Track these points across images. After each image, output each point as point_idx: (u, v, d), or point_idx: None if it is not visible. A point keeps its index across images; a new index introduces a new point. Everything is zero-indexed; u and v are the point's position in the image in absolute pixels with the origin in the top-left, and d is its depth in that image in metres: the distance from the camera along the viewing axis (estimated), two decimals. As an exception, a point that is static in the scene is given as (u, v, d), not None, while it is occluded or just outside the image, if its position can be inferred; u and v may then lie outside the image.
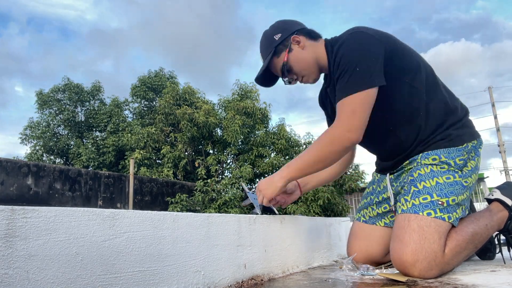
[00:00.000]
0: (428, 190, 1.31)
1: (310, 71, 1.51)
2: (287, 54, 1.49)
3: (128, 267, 0.91)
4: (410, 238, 1.24)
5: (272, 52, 1.50)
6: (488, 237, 1.40)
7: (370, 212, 1.61)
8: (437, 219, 1.26)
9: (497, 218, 1.42)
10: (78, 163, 12.82)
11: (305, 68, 1.50)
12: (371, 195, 1.64)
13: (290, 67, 1.50)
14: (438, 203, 1.28)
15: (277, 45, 1.50)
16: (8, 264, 0.70)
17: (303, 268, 1.69)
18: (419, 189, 1.33)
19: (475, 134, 1.45)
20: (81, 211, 0.84)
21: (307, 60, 1.49)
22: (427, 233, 1.23)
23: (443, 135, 1.39)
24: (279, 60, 1.51)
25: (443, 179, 1.32)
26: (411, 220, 1.27)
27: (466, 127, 1.43)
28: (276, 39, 1.50)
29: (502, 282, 1.08)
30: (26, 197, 7.09)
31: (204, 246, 1.15)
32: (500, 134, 19.48)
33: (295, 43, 1.49)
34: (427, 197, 1.29)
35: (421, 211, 1.27)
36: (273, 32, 1.53)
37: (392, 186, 1.52)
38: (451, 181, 1.32)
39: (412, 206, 1.30)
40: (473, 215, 1.41)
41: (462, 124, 1.43)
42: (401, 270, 1.26)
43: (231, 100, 11.82)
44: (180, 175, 11.38)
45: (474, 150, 1.41)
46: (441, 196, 1.29)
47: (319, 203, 9.15)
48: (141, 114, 14.48)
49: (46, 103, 14.31)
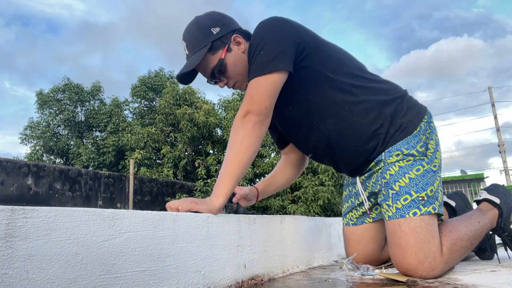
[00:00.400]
0: (405, 190, 1.30)
1: (245, 76, 1.37)
2: (225, 52, 1.34)
3: (128, 267, 0.91)
4: (407, 242, 1.24)
5: (207, 46, 1.32)
6: (483, 234, 1.41)
7: (355, 214, 1.59)
8: (424, 215, 1.26)
9: (488, 216, 1.44)
10: (78, 163, 12.82)
11: (241, 72, 1.38)
12: (350, 197, 1.61)
13: (225, 69, 1.36)
14: (419, 200, 1.27)
15: (214, 40, 1.33)
16: (8, 264, 0.70)
17: (303, 268, 1.69)
18: (396, 191, 1.31)
19: (421, 110, 1.41)
20: (81, 211, 0.84)
21: (246, 65, 1.35)
22: (420, 234, 1.24)
23: (394, 127, 1.35)
24: (213, 58, 1.34)
25: (413, 172, 1.31)
26: (401, 224, 1.27)
27: (411, 108, 1.40)
28: (214, 33, 1.34)
29: (502, 282, 1.08)
30: (26, 197, 7.09)
31: (204, 246, 1.15)
32: (500, 134, 19.48)
33: (235, 44, 1.36)
34: (407, 197, 1.29)
35: (407, 213, 1.27)
36: (210, 23, 1.36)
37: (366, 188, 1.48)
38: (422, 172, 1.31)
39: (396, 210, 1.30)
40: (465, 215, 1.43)
41: (407, 107, 1.39)
42: (405, 274, 1.27)
43: (231, 100, 11.82)
44: (180, 175, 11.38)
45: (428, 126, 1.38)
46: (419, 192, 1.28)
47: (319, 203, 9.15)
48: (141, 114, 14.49)
49: (46, 103, 14.32)
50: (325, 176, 9.64)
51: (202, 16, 1.41)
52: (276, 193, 9.97)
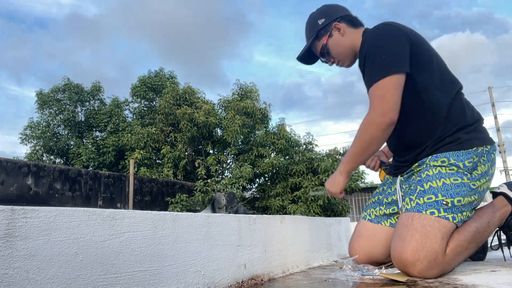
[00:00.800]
0: (433, 190, 1.30)
1: (345, 56, 1.63)
2: (327, 38, 1.62)
3: (128, 267, 0.91)
4: (412, 237, 1.24)
5: (314, 35, 1.63)
6: (490, 234, 1.39)
7: (377, 212, 1.61)
8: (441, 218, 1.25)
9: (500, 214, 1.41)
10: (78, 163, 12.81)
11: (341, 53, 1.62)
12: (380, 195, 1.64)
13: (328, 51, 1.64)
14: (442, 203, 1.27)
15: (319, 30, 1.62)
16: (8, 264, 0.70)
17: (303, 268, 1.69)
18: (424, 189, 1.33)
19: (487, 140, 1.43)
20: (81, 211, 0.84)
21: (344, 46, 1.60)
22: (429, 232, 1.23)
23: (452, 138, 1.39)
24: (319, 43, 1.64)
25: (450, 180, 1.32)
26: (414, 219, 1.27)
27: (478, 132, 1.42)
28: (319, 23, 1.63)
29: (502, 282, 1.08)
30: (26, 197, 7.09)
31: (204, 246, 1.15)
32: (500, 134, 19.48)
33: (336, 30, 1.61)
34: (432, 197, 1.29)
35: (425, 210, 1.27)
36: (318, 16, 1.66)
37: (402, 189, 1.52)
38: (458, 182, 1.31)
39: (416, 205, 1.30)
40: (476, 212, 1.40)
41: (473, 128, 1.42)
42: (401, 268, 1.26)
43: (231, 100, 11.81)
44: (180, 175, 11.38)
45: (487, 154, 1.39)
46: (446, 196, 1.28)
47: (319, 203, 9.14)
48: (141, 114, 14.48)
49: (46, 103, 14.31)
50: (325, 176, 9.63)
51: (315, 11, 1.70)
52: (276, 193, 9.97)
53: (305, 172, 10.07)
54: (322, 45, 1.63)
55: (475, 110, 1.51)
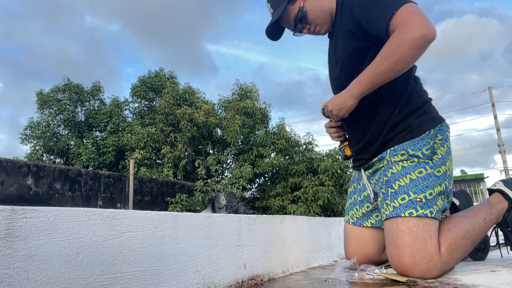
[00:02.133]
0: (404, 189, 1.30)
1: (324, 19, 1.46)
2: (303, 1, 1.43)
3: (128, 267, 0.91)
4: (404, 242, 1.24)
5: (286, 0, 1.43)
6: (487, 231, 1.38)
7: (355, 213, 1.59)
8: (421, 217, 1.25)
9: (496, 210, 1.39)
10: (78, 163, 12.82)
11: (320, 16, 1.45)
12: (354, 194, 1.63)
13: (305, 14, 1.44)
14: (416, 201, 1.27)
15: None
16: (8, 264, 0.70)
17: (303, 268, 1.69)
18: (395, 189, 1.32)
19: (436, 119, 1.41)
20: (81, 211, 0.84)
21: (323, 7, 1.44)
22: (417, 233, 1.23)
23: (403, 125, 1.37)
24: (294, 8, 1.44)
25: (415, 174, 1.31)
26: (399, 224, 1.27)
27: (427, 114, 1.40)
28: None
29: (502, 282, 1.08)
30: (26, 197, 7.09)
31: (204, 246, 1.15)
32: (500, 134, 19.48)
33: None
34: (405, 197, 1.29)
35: (403, 212, 1.27)
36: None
37: (370, 184, 1.51)
38: (424, 174, 1.31)
39: (393, 209, 1.30)
40: (470, 210, 1.40)
41: (423, 111, 1.39)
42: (402, 273, 1.26)
43: (231, 100, 11.82)
44: (180, 175, 11.38)
45: (440, 133, 1.37)
46: (417, 193, 1.28)
47: (319, 203, 9.15)
48: (141, 114, 14.49)
49: (46, 103, 14.32)
50: (325, 176, 9.64)
51: None
52: (276, 193, 9.97)
53: (305, 172, 10.08)
54: (299, 8, 1.42)
55: (423, 90, 1.47)
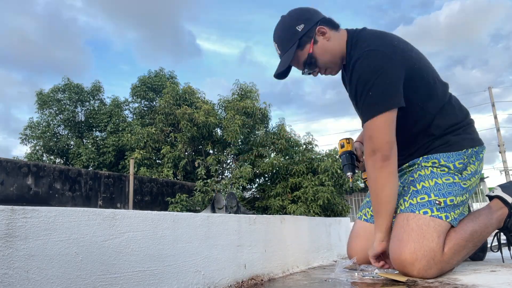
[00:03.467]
0: (426, 190, 1.32)
1: (335, 63, 1.48)
2: (312, 46, 1.43)
3: (128, 267, 0.91)
4: (409, 237, 1.24)
5: (295, 44, 1.43)
6: (488, 235, 1.40)
7: (370, 211, 1.61)
8: (435, 218, 1.26)
9: (497, 216, 1.41)
10: (78, 163, 12.81)
11: (331, 60, 1.47)
12: None
13: (315, 60, 1.45)
14: (435, 203, 1.29)
15: (301, 38, 1.42)
16: (8, 264, 0.70)
17: (303, 268, 1.69)
18: (417, 189, 1.34)
19: (476, 141, 1.44)
20: (81, 211, 0.84)
21: (333, 52, 1.45)
22: (426, 232, 1.24)
23: (441, 141, 1.40)
24: (303, 53, 1.45)
25: (442, 180, 1.33)
26: (409, 220, 1.28)
27: (467, 134, 1.43)
28: (299, 30, 1.43)
29: (502, 282, 1.08)
30: (26, 197, 7.09)
31: (204, 246, 1.15)
32: (500, 134, 19.48)
33: (320, 34, 1.44)
34: (425, 197, 1.30)
35: (418, 210, 1.28)
36: (295, 22, 1.45)
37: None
38: (450, 182, 1.33)
39: (409, 205, 1.31)
40: (472, 214, 1.41)
41: (463, 130, 1.43)
42: (400, 269, 1.26)
43: (231, 100, 11.82)
44: (180, 175, 11.38)
45: (475, 155, 1.41)
46: (438, 196, 1.30)
47: (319, 203, 9.14)
48: (141, 114, 14.49)
49: (46, 103, 14.31)
50: (325, 176, 9.64)
51: (287, 15, 1.50)
52: (276, 193, 9.97)
53: (305, 172, 10.07)
54: (308, 54, 1.43)
55: (463, 109, 1.50)
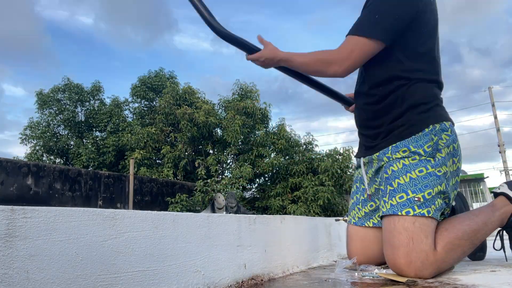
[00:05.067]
0: (402, 188, 1.30)
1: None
2: None
3: (128, 267, 0.91)
4: (399, 241, 1.25)
5: None
6: (488, 233, 1.36)
7: (358, 213, 1.59)
8: (417, 216, 1.25)
9: (500, 214, 1.37)
10: (78, 163, 12.82)
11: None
12: (356, 194, 1.62)
13: None
14: (414, 200, 1.27)
15: None
16: (8, 264, 0.70)
17: (303, 268, 1.69)
18: (394, 187, 1.32)
19: (443, 117, 1.39)
20: (81, 211, 0.84)
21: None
22: (413, 233, 1.24)
23: (402, 120, 1.37)
24: None
25: (415, 173, 1.31)
26: (396, 223, 1.28)
27: (432, 111, 1.39)
28: None
29: (502, 282, 1.08)
30: (26, 197, 7.09)
31: (204, 246, 1.15)
32: (500, 134, 19.48)
33: None
34: (403, 195, 1.29)
35: (400, 211, 1.28)
36: None
37: (375, 183, 1.50)
38: (424, 174, 1.30)
39: (390, 206, 1.31)
40: (472, 211, 1.39)
41: (428, 108, 1.38)
42: (398, 273, 1.27)
43: (231, 100, 11.83)
44: (180, 175, 11.38)
45: (446, 132, 1.36)
46: (416, 192, 1.28)
47: (319, 203, 9.15)
48: (141, 114, 14.49)
49: (46, 103, 14.32)
50: (325, 176, 9.64)
51: None
52: (276, 193, 9.97)
53: (305, 172, 10.08)
54: None
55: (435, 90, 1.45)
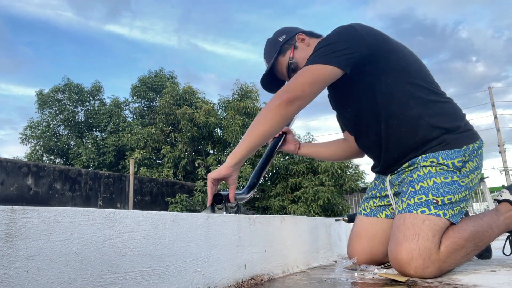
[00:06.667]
0: (424, 190, 1.31)
1: None
2: (292, 51, 1.53)
3: (128, 267, 0.91)
4: (404, 237, 1.25)
5: (277, 52, 1.54)
6: (493, 237, 1.37)
7: (371, 205, 1.61)
8: (431, 216, 1.26)
9: (505, 218, 1.39)
10: (78, 163, 12.82)
11: None
12: (373, 190, 1.64)
13: (296, 64, 1.52)
14: (433, 202, 1.28)
15: (282, 45, 1.55)
16: (8, 264, 0.70)
17: (303, 268, 1.69)
18: (415, 189, 1.33)
19: (474, 136, 1.43)
20: (81, 211, 0.84)
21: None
22: (420, 230, 1.24)
23: (438, 141, 1.38)
24: (284, 59, 1.54)
25: (440, 179, 1.32)
26: (405, 219, 1.28)
27: (464, 132, 1.42)
28: (281, 40, 1.56)
29: (502, 282, 1.08)
30: (26, 197, 7.09)
31: (204, 246, 1.15)
32: (500, 134, 19.48)
33: (300, 41, 1.55)
34: (423, 197, 1.30)
35: (415, 210, 1.28)
36: (277, 35, 1.60)
37: (393, 187, 1.52)
38: (449, 181, 1.32)
39: (407, 206, 1.31)
40: (477, 215, 1.40)
41: (461, 131, 1.41)
42: (398, 269, 1.26)
43: (231, 100, 11.83)
44: (180, 175, 11.38)
45: (475, 151, 1.39)
46: (436, 195, 1.29)
47: (319, 203, 9.15)
48: (141, 114, 14.49)
49: (46, 103, 14.33)
50: (325, 176, 9.64)
51: (271, 35, 1.63)
52: (276, 193, 9.97)
53: (305, 172, 10.08)
54: (288, 58, 1.52)
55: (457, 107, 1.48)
